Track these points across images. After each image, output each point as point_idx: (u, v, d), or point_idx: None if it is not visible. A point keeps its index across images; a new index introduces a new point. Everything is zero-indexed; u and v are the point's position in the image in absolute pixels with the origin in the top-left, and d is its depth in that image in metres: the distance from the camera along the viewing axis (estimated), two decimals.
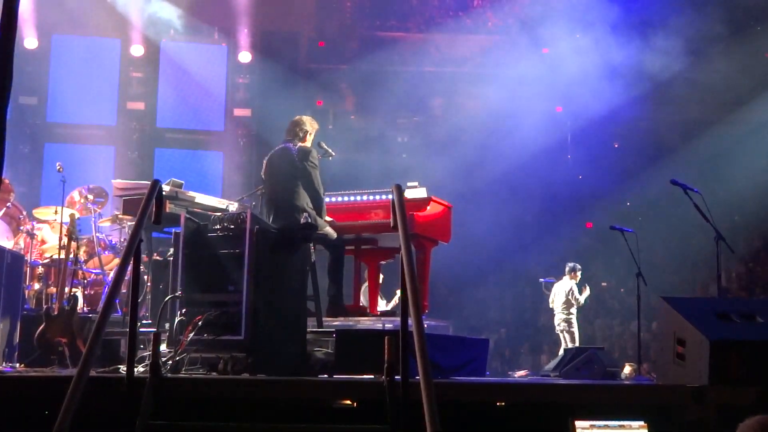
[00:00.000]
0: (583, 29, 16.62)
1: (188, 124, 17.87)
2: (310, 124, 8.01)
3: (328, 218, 7.95)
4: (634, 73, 16.98)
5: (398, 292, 13.82)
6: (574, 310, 13.71)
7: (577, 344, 13.36)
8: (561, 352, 13.72)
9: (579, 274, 13.71)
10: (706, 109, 18.34)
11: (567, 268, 13.84)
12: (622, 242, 10.36)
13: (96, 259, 9.88)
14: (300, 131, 7.92)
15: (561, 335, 13.75)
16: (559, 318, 13.75)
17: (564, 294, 13.67)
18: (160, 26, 17.10)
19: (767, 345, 5.68)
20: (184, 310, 6.51)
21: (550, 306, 14.01)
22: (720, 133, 17.88)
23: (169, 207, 7.82)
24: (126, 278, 6.04)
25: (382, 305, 13.53)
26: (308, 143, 7.94)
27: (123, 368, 5.77)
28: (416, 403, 4.20)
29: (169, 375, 5.95)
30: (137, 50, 17.11)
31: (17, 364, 7.50)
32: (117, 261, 9.73)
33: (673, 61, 16.70)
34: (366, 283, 9.31)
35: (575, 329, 13.68)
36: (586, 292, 13.73)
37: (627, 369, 12.02)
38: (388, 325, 8.36)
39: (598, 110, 17.34)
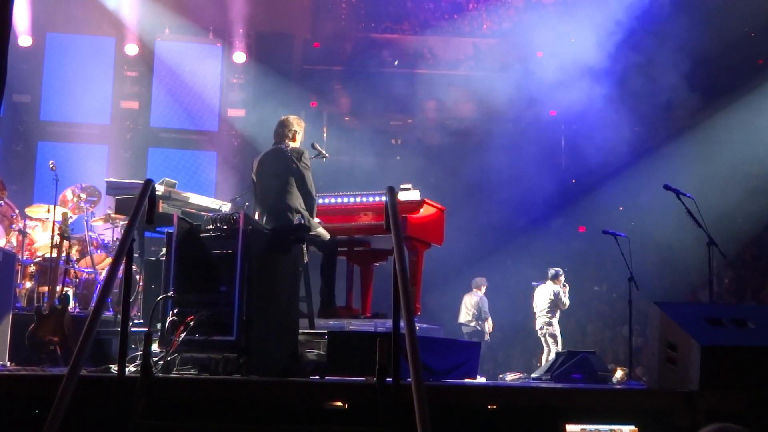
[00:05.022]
0: (578, 33, 16.64)
1: (182, 123, 17.84)
2: (297, 123, 7.97)
3: (316, 219, 7.95)
4: (629, 77, 17.01)
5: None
6: (557, 313, 14.02)
7: (560, 347, 13.54)
8: (544, 355, 13.93)
9: (562, 278, 13.99)
10: (699, 113, 18.37)
11: (550, 274, 14.21)
12: (614, 247, 10.37)
13: (88, 258, 9.87)
14: (289, 132, 7.89)
15: (543, 339, 14.04)
16: (541, 321, 14.10)
17: (547, 298, 13.98)
18: (154, 25, 17.09)
19: (758, 350, 5.69)
20: (176, 310, 6.50)
21: (534, 310, 14.27)
22: (712, 137, 17.92)
23: (162, 207, 7.83)
24: (118, 278, 6.05)
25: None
26: (298, 142, 7.94)
27: (114, 368, 5.77)
28: (407, 405, 4.20)
29: (160, 375, 5.95)
30: (132, 49, 17.08)
31: (8, 363, 7.48)
32: (109, 260, 9.73)
33: (667, 65, 16.73)
34: None
35: (557, 332, 13.98)
36: (566, 289, 14.08)
37: (618, 373, 12.05)
38: (380, 328, 8.35)
39: (591, 114, 17.36)
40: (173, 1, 16.84)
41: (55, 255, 8.88)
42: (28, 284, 9.49)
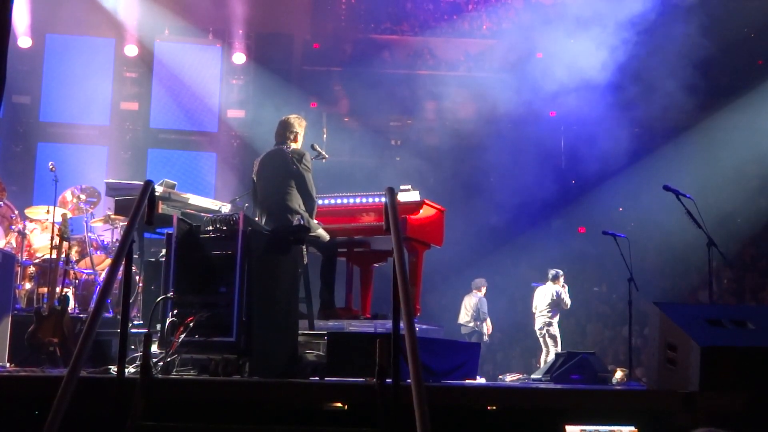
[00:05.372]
0: (578, 34, 16.64)
1: (181, 124, 17.85)
2: (299, 124, 7.96)
3: (314, 221, 7.95)
4: (629, 78, 17.00)
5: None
6: (557, 314, 14.19)
7: (559, 347, 13.58)
8: (543, 356, 13.97)
9: (562, 279, 14.07)
10: (699, 115, 18.38)
11: (550, 275, 14.31)
12: (614, 247, 10.38)
13: (88, 259, 9.85)
14: (290, 133, 7.88)
15: (543, 339, 14.11)
16: (540, 321, 14.18)
17: (548, 298, 14.08)
18: (154, 26, 17.09)
19: (758, 351, 5.69)
20: (175, 311, 6.49)
21: (533, 310, 14.33)
22: (712, 138, 17.93)
23: (161, 208, 7.82)
24: (118, 279, 6.05)
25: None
26: (299, 143, 7.93)
27: (114, 369, 5.76)
28: (407, 406, 4.19)
29: (159, 376, 5.95)
30: (131, 50, 17.08)
31: (8, 364, 7.48)
32: (109, 261, 9.71)
33: (667, 66, 16.73)
34: None
35: (557, 332, 14.04)
36: (565, 290, 14.19)
37: (618, 374, 12.06)
38: (380, 329, 8.35)
39: (591, 115, 17.37)
40: (173, 2, 16.84)
41: (54, 256, 8.88)
42: (28, 285, 9.47)
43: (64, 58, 17.02)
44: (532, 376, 10.93)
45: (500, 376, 13.38)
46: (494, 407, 5.60)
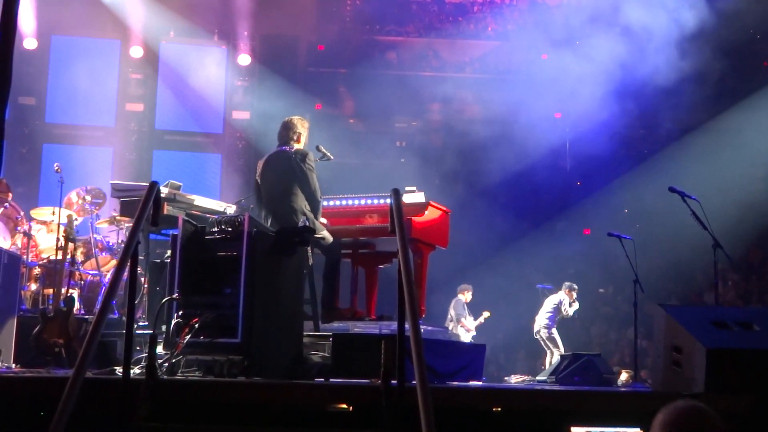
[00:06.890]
0: (582, 35, 16.64)
1: (187, 126, 17.86)
2: (301, 125, 7.96)
3: (323, 220, 7.94)
4: (633, 80, 16.99)
5: (485, 313, 14.94)
6: (556, 318, 14.23)
7: (562, 349, 13.57)
8: (547, 358, 13.98)
9: (575, 293, 14.12)
10: (704, 116, 18.35)
11: (564, 285, 14.35)
12: (619, 249, 10.36)
13: (93, 260, 9.86)
14: (293, 134, 7.88)
15: (543, 342, 14.20)
16: (539, 324, 14.19)
17: (552, 303, 14.15)
18: (159, 28, 17.11)
19: (763, 353, 5.68)
20: (180, 312, 6.49)
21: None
22: (718, 140, 17.90)
23: (167, 209, 7.83)
24: (123, 280, 6.05)
25: (470, 321, 14.89)
26: (302, 144, 7.93)
27: (119, 370, 5.76)
28: (412, 407, 4.19)
29: (165, 377, 5.95)
30: (136, 51, 17.10)
31: (13, 365, 7.49)
32: (114, 262, 9.73)
33: (671, 67, 16.71)
34: None
35: (556, 335, 14.05)
36: (576, 305, 14.24)
37: (623, 376, 12.06)
38: (385, 330, 8.35)
39: (596, 117, 17.35)
40: (178, 3, 16.86)
41: (60, 257, 8.89)
42: (33, 286, 9.49)
43: (70, 60, 17.03)
44: (537, 378, 10.93)
45: (505, 378, 13.37)
46: (499, 409, 5.59)
